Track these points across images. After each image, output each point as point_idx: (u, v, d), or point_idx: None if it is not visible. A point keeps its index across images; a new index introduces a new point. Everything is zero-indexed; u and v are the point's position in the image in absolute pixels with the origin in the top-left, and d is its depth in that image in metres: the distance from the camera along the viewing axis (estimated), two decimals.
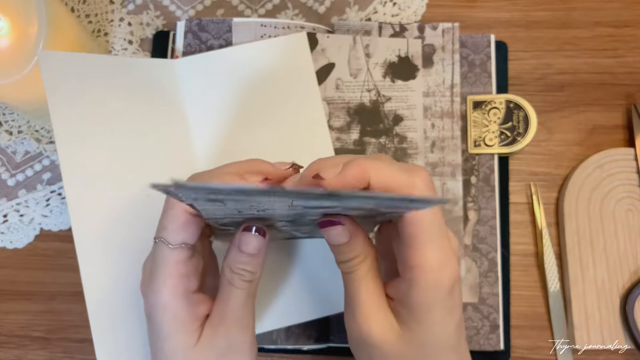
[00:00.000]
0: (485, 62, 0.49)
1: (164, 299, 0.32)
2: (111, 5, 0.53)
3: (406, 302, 0.31)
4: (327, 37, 0.49)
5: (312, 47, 0.49)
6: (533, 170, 0.50)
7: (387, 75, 0.48)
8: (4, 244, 0.50)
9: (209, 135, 0.46)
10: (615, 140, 0.50)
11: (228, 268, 0.34)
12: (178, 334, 0.33)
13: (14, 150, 0.51)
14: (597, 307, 0.46)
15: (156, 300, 0.32)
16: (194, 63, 0.47)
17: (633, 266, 0.46)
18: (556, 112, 0.50)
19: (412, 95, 0.48)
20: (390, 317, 0.32)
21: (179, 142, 0.45)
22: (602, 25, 0.51)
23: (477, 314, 0.45)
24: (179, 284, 0.33)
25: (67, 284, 0.49)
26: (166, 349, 0.33)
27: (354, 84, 0.48)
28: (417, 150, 0.47)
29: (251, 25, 0.49)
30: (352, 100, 0.48)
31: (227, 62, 0.47)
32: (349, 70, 0.49)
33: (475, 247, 0.46)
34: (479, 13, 0.52)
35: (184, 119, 0.46)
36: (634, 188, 0.48)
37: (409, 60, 0.48)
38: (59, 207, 0.50)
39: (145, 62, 0.46)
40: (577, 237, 0.47)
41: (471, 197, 0.47)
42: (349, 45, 0.49)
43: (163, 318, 0.32)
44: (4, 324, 0.49)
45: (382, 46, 0.49)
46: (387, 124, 0.48)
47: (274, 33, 0.49)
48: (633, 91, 0.50)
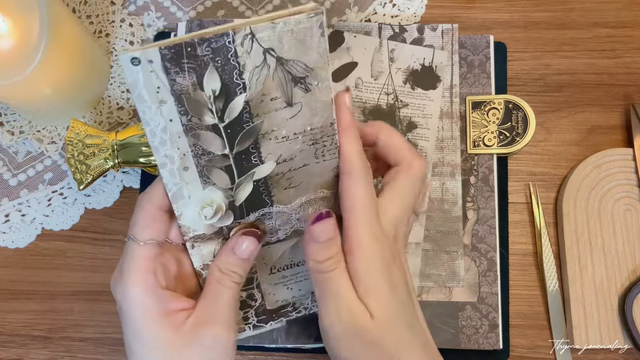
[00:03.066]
0: (484, 63, 0.49)
1: (132, 293, 0.33)
2: (112, 7, 0.53)
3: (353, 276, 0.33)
4: (354, 36, 0.49)
5: (338, 44, 0.49)
6: (532, 171, 0.50)
7: (407, 82, 0.49)
8: (6, 243, 0.50)
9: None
10: (614, 140, 0.50)
11: (217, 269, 0.35)
12: (149, 328, 0.33)
13: (15, 150, 0.51)
14: (596, 306, 0.46)
15: (125, 294, 0.33)
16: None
17: (631, 265, 0.47)
18: (555, 112, 0.51)
19: (429, 105, 0.48)
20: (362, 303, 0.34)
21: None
22: (600, 26, 0.52)
23: (476, 313, 0.46)
24: (147, 278, 0.33)
25: (68, 284, 0.49)
26: (143, 341, 0.33)
27: (374, 85, 0.49)
28: (427, 160, 0.47)
29: None
30: (369, 101, 0.49)
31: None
32: (370, 72, 0.49)
33: (474, 246, 0.47)
34: (478, 14, 0.52)
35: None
36: (632, 188, 0.48)
37: (432, 70, 0.49)
38: (60, 207, 0.50)
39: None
40: (575, 236, 0.47)
41: (470, 197, 0.47)
42: (374, 48, 0.49)
43: (133, 312, 0.33)
44: (5, 324, 0.49)
45: (408, 53, 0.49)
46: (400, 129, 0.48)
47: None
48: (631, 92, 0.51)
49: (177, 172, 0.34)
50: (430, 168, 0.47)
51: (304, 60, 0.32)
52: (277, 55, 0.31)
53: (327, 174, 0.36)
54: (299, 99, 0.33)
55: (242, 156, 0.34)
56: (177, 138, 0.32)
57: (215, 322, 0.34)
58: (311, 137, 0.34)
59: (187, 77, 0.31)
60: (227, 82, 0.31)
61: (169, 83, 0.31)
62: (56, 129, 0.51)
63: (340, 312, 0.33)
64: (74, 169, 0.46)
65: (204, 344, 0.34)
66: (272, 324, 0.41)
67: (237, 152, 0.34)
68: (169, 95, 0.31)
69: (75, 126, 0.47)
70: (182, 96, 0.31)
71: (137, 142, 0.46)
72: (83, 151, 0.47)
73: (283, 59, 0.31)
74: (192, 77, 0.31)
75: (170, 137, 0.32)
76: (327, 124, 0.34)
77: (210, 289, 0.35)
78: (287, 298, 0.41)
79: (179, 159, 0.33)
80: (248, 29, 0.30)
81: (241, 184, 0.35)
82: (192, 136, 0.32)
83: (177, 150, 0.33)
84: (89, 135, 0.47)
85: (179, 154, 0.33)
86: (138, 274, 0.33)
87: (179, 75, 0.30)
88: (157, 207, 0.34)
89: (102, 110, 0.51)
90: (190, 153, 0.33)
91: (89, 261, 0.50)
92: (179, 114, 0.32)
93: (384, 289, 0.33)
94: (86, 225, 0.50)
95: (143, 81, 0.30)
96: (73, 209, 0.50)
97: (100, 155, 0.47)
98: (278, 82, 0.32)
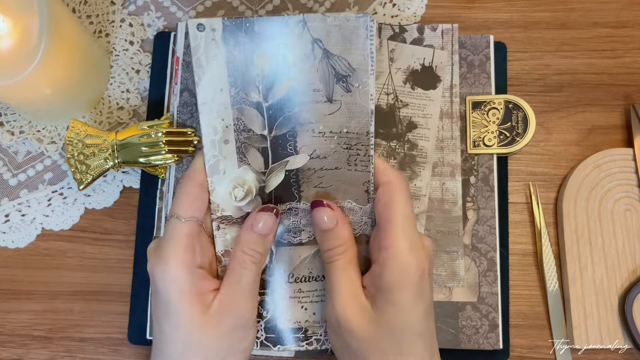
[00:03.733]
0: (485, 63, 0.49)
1: (172, 271, 0.34)
2: (112, 6, 0.53)
3: (379, 285, 0.33)
4: None
5: None
6: (532, 171, 0.50)
7: (407, 82, 0.48)
8: (6, 243, 0.50)
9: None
10: (614, 140, 0.50)
11: (240, 250, 0.36)
12: (182, 308, 0.34)
13: (15, 150, 0.51)
14: (596, 306, 0.46)
15: (165, 274, 0.34)
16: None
17: (631, 266, 0.47)
18: (555, 112, 0.51)
19: (430, 105, 0.48)
20: (365, 303, 0.34)
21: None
22: (600, 26, 0.52)
23: (476, 313, 0.46)
24: (186, 256, 0.35)
25: (68, 284, 0.49)
26: (172, 321, 0.34)
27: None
28: (426, 159, 0.47)
29: None
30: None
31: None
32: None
33: (474, 246, 0.47)
34: (478, 14, 0.52)
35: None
36: (632, 188, 0.48)
37: (432, 70, 0.49)
38: (60, 206, 0.50)
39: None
40: (575, 236, 0.47)
41: (470, 197, 0.47)
42: (375, 47, 0.49)
43: (170, 293, 0.34)
44: (5, 324, 0.49)
45: (408, 53, 0.49)
46: (400, 128, 0.48)
47: None
48: (631, 92, 0.51)
49: (218, 144, 0.35)
50: (431, 168, 0.47)
51: (348, 58, 0.33)
52: (324, 47, 0.33)
53: (357, 186, 0.37)
54: (339, 97, 0.34)
55: (279, 141, 0.35)
56: (224, 109, 0.34)
57: (238, 301, 0.36)
58: (346, 140, 0.35)
59: (241, 50, 0.33)
60: (277, 64, 0.33)
61: (225, 53, 0.33)
62: (56, 129, 0.51)
63: (335, 305, 0.34)
64: (74, 169, 0.46)
65: (225, 328, 0.35)
66: (279, 348, 0.40)
67: (274, 136, 0.35)
68: (224, 64, 0.33)
69: (75, 126, 0.47)
70: (235, 68, 0.33)
71: (137, 142, 0.46)
72: (83, 151, 0.47)
73: (329, 52, 0.33)
74: (246, 52, 0.33)
75: (217, 106, 0.34)
76: (363, 132, 0.35)
77: (233, 271, 0.36)
78: (300, 320, 0.40)
79: (222, 130, 0.35)
80: (301, 16, 0.32)
81: (274, 170, 0.36)
82: (237, 109, 0.34)
83: (221, 121, 0.35)
84: (89, 135, 0.47)
85: (222, 125, 0.35)
86: (179, 252, 0.34)
87: (235, 48, 0.33)
88: (198, 185, 0.36)
89: (102, 110, 0.51)
90: (233, 126, 0.35)
91: (89, 261, 0.50)
92: (229, 85, 0.34)
93: (410, 301, 0.33)
94: (86, 225, 0.50)
95: (204, 47, 0.33)
96: (73, 209, 0.50)
97: (100, 155, 0.47)
98: (322, 73, 0.34)
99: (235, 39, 0.33)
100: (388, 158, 0.47)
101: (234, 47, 0.33)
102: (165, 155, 0.46)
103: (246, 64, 0.33)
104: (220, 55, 0.33)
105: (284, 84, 0.34)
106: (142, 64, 0.52)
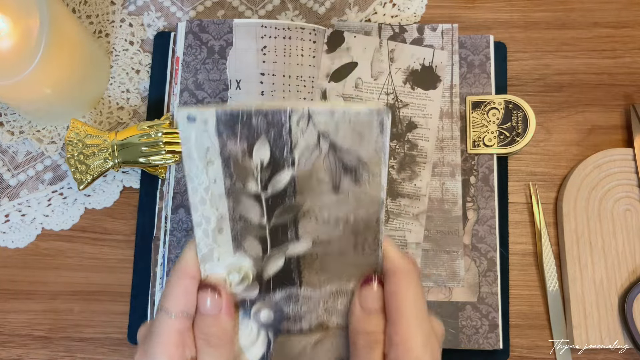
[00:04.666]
0: (485, 63, 0.49)
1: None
2: (112, 7, 0.53)
3: None
4: (354, 36, 0.49)
5: (338, 44, 0.49)
6: (532, 171, 0.50)
7: (407, 82, 0.49)
8: (6, 243, 0.50)
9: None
10: (614, 140, 0.50)
11: (197, 338, 0.34)
12: None
13: (15, 150, 0.51)
14: (596, 306, 0.46)
15: None
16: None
17: (631, 266, 0.47)
18: (555, 112, 0.51)
19: (429, 105, 0.48)
20: None
21: None
22: (600, 26, 0.52)
23: (476, 313, 0.46)
24: (175, 353, 0.33)
25: (68, 284, 0.49)
26: None
27: (374, 85, 0.49)
28: (426, 160, 0.47)
29: (252, 26, 0.49)
30: (369, 101, 0.49)
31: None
32: (370, 72, 0.49)
33: (474, 246, 0.47)
34: (478, 14, 0.52)
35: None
36: (632, 188, 0.48)
37: (432, 70, 0.49)
38: (60, 206, 0.50)
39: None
40: (575, 236, 0.47)
41: (470, 197, 0.47)
42: (374, 48, 0.49)
43: None
44: (5, 324, 0.49)
45: (408, 53, 0.49)
46: (400, 129, 0.48)
47: (274, 34, 0.49)
48: (631, 92, 0.51)
49: (212, 233, 0.33)
50: (430, 168, 0.47)
51: (358, 152, 0.31)
52: (332, 140, 0.31)
53: (365, 270, 0.34)
54: (346, 187, 0.32)
55: (279, 229, 0.33)
56: (218, 199, 0.32)
57: None
58: (353, 227, 0.33)
59: (238, 143, 0.31)
60: (277, 155, 0.31)
61: (219, 145, 0.31)
62: (56, 129, 0.51)
63: None
64: (74, 169, 0.47)
65: None
66: None
67: (274, 224, 0.33)
68: (218, 156, 0.31)
69: (75, 126, 0.47)
70: (230, 160, 0.31)
71: (137, 142, 0.46)
72: (83, 151, 0.47)
73: (336, 146, 0.31)
74: (243, 144, 0.31)
75: (211, 197, 0.32)
76: (372, 219, 0.33)
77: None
78: None
79: (216, 220, 0.33)
80: (306, 110, 0.30)
81: (272, 256, 0.34)
82: (233, 200, 0.32)
83: (215, 211, 0.33)
84: (89, 135, 0.47)
85: (217, 215, 0.33)
86: (169, 349, 0.33)
87: (230, 140, 0.31)
88: (190, 277, 0.34)
89: (102, 110, 0.51)
90: (228, 216, 0.33)
91: (89, 261, 0.50)
92: (224, 176, 0.32)
93: None
94: (86, 225, 0.50)
95: (195, 139, 0.30)
96: (73, 209, 0.50)
97: (100, 155, 0.47)
98: (328, 166, 0.32)
99: (231, 131, 0.30)
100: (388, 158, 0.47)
101: (228, 139, 0.31)
102: (165, 155, 0.46)
103: (243, 156, 0.31)
104: (213, 148, 0.31)
105: (285, 173, 0.32)
106: (142, 64, 0.52)
